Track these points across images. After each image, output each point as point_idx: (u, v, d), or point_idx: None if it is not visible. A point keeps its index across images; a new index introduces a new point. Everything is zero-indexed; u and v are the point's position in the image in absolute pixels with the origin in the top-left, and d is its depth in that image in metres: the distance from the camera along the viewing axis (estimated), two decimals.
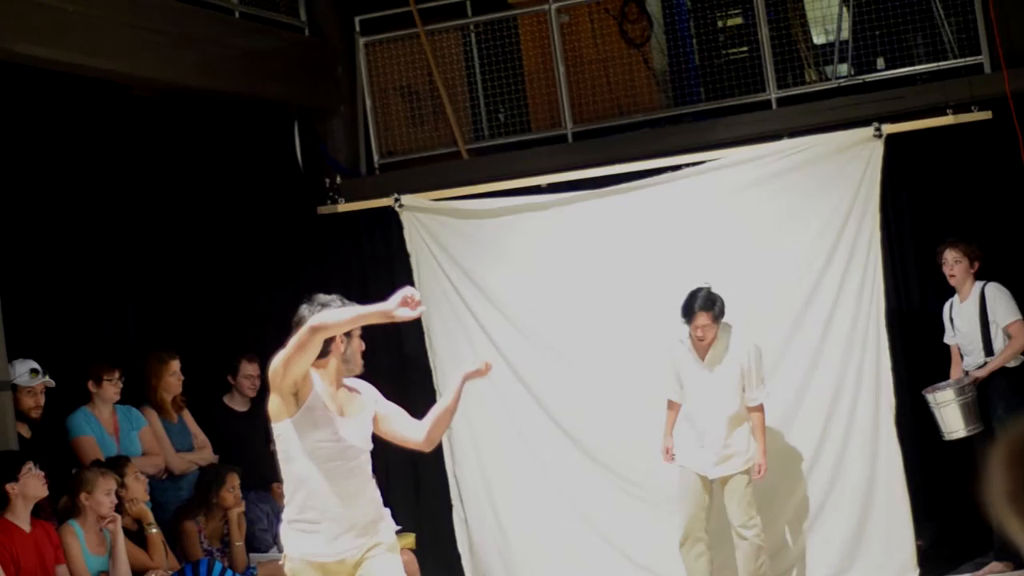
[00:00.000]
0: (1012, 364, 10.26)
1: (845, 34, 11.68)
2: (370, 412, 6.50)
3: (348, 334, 6.37)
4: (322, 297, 6.35)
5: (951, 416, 10.19)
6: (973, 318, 10.33)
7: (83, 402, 9.63)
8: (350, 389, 6.50)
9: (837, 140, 10.68)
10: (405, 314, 5.92)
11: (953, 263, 10.38)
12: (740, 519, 9.95)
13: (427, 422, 6.55)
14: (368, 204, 11.92)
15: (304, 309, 6.34)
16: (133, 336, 10.54)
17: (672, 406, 10.17)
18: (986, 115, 10.85)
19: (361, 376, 6.78)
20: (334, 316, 6.12)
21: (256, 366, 10.62)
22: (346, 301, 6.32)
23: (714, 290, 9.92)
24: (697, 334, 9.90)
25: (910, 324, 11.19)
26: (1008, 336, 10.23)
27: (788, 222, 10.66)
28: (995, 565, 10.22)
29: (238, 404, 10.75)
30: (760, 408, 9.97)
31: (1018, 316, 10.23)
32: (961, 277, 10.39)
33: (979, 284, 10.36)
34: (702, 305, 9.86)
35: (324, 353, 6.30)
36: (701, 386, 9.99)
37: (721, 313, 9.90)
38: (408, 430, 6.55)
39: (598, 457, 10.89)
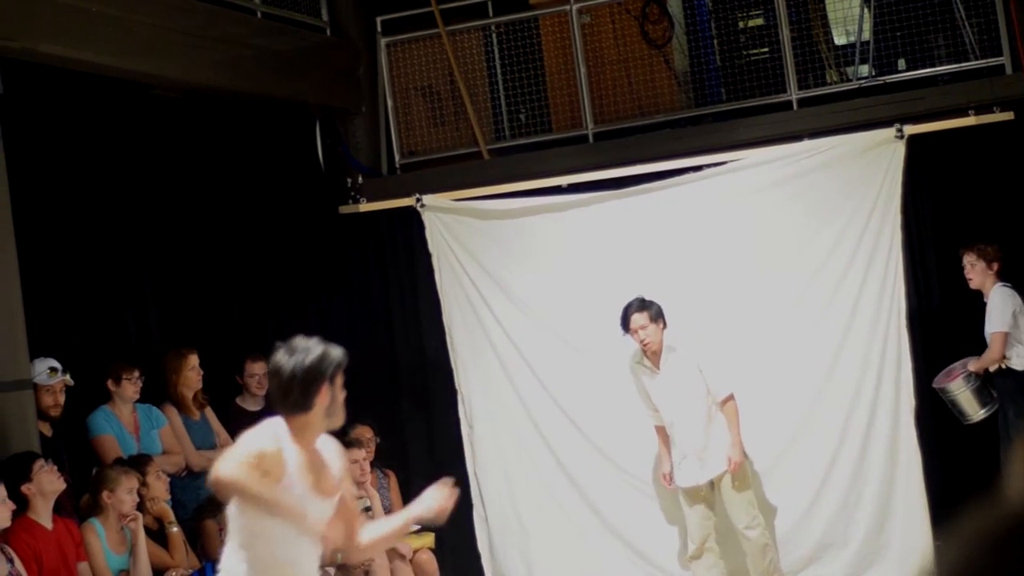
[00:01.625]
0: (1019, 367, 10.27)
1: (866, 35, 11.67)
2: (338, 493, 5.70)
3: (332, 381, 5.54)
4: (300, 342, 5.55)
5: (967, 402, 10.33)
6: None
7: (105, 401, 9.67)
8: (320, 453, 5.68)
9: (859, 141, 10.67)
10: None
11: (969, 266, 10.39)
12: (743, 520, 9.98)
13: (366, 536, 5.82)
14: (390, 204, 11.94)
15: (281, 356, 5.52)
16: (155, 336, 10.57)
17: (660, 431, 10.27)
18: (1008, 116, 10.84)
19: (381, 383, 6.34)
20: (241, 485, 5.35)
21: (262, 364, 10.67)
22: (326, 344, 5.56)
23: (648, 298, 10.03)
24: (639, 337, 9.95)
25: (930, 325, 11.17)
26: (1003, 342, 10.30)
27: (809, 223, 10.64)
28: None
29: (250, 404, 10.78)
30: (729, 399, 10.01)
31: (1002, 327, 10.26)
32: (979, 279, 10.39)
33: (996, 286, 10.37)
34: (636, 307, 9.95)
35: (306, 408, 5.49)
36: (665, 397, 10.07)
37: (659, 315, 9.97)
38: (342, 529, 5.75)
39: (616, 457, 10.89)
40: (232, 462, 5.40)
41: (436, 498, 5.80)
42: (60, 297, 9.92)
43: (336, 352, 5.58)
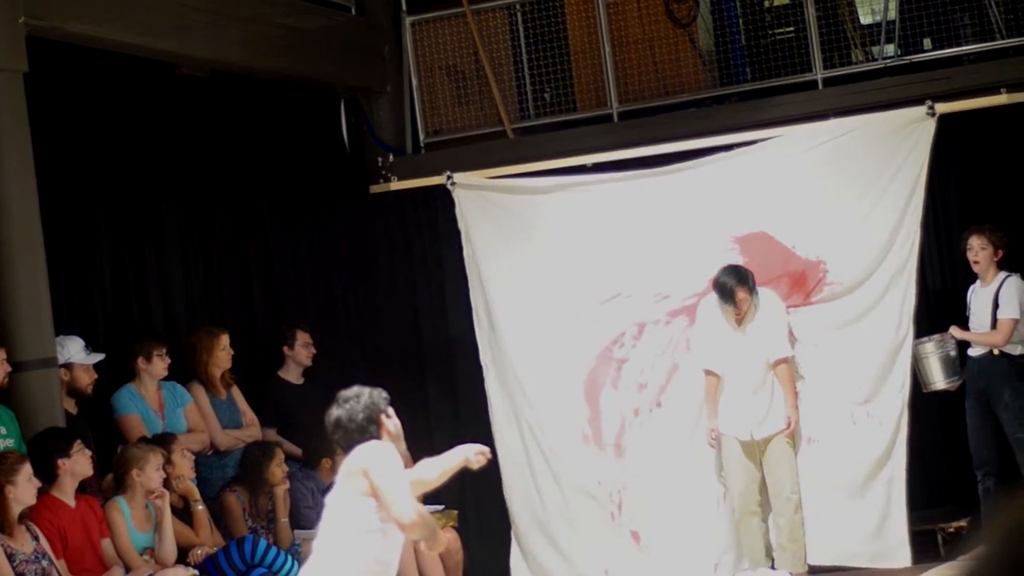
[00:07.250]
0: (1016, 351, 10.29)
1: (892, 14, 11.63)
2: None
3: (387, 413, 6.49)
4: (345, 393, 6.47)
5: (932, 368, 10.37)
6: (987, 304, 10.38)
7: (125, 380, 9.70)
8: None
9: (889, 119, 10.58)
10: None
11: (979, 249, 10.39)
12: (788, 482, 9.98)
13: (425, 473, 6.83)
14: (419, 183, 11.92)
15: (335, 409, 6.41)
16: (180, 316, 10.60)
17: (711, 380, 10.19)
18: None
19: (406, 362, 6.38)
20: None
21: (308, 334, 10.78)
22: (372, 393, 6.44)
23: (732, 264, 10.05)
24: (737, 305, 9.97)
25: (955, 306, 11.10)
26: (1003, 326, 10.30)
27: (834, 201, 10.53)
28: None
29: (293, 377, 10.84)
30: (785, 361, 10.04)
31: (1015, 315, 10.24)
32: (985, 264, 10.41)
33: (1003, 274, 10.36)
34: (737, 282, 9.93)
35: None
36: (738, 347, 10.06)
37: (754, 286, 9.99)
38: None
39: (643, 440, 10.81)
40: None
41: (475, 459, 6.77)
42: (84, 276, 9.96)
43: (379, 390, 6.47)
